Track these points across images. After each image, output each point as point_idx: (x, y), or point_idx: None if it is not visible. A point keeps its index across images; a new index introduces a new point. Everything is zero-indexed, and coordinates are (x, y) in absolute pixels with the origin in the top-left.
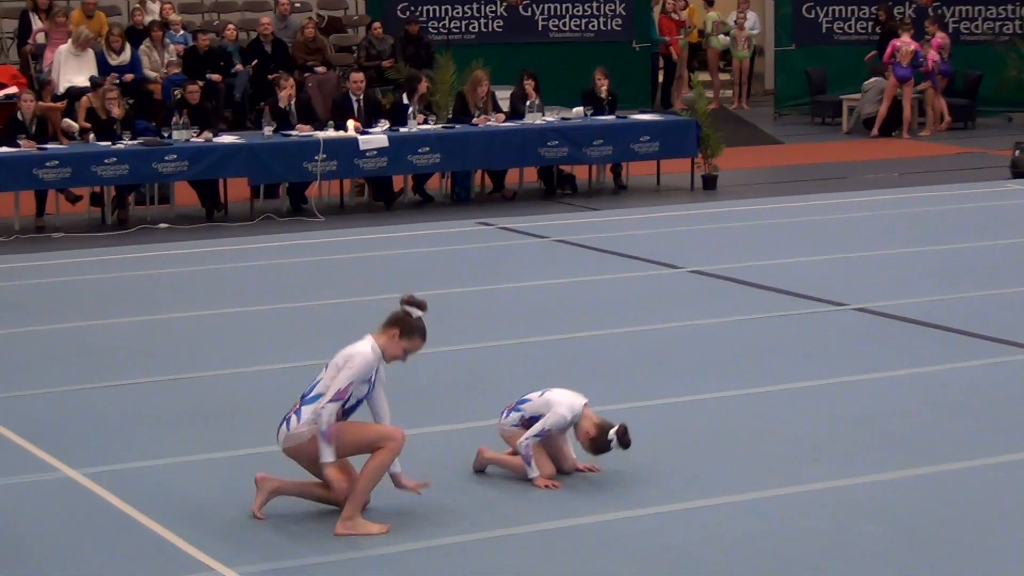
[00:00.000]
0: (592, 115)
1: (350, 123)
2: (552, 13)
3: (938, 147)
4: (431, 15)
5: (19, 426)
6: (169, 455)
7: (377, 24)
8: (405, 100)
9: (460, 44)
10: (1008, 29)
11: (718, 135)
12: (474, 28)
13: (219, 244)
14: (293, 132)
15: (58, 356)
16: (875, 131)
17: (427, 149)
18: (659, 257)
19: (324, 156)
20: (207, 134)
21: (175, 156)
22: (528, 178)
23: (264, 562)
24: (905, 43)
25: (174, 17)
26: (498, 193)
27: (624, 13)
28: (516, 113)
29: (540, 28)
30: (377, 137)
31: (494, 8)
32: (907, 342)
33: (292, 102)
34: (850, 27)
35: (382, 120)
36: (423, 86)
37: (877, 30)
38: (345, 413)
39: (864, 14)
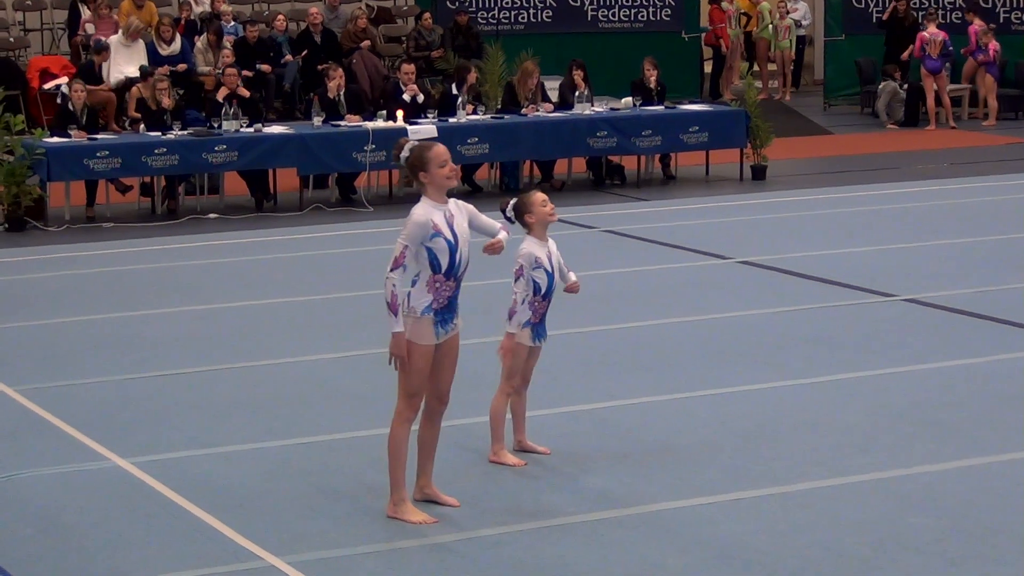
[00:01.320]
0: (641, 105)
1: (399, 114)
2: (601, 3)
3: (988, 137)
4: (480, 5)
5: (69, 415)
6: (219, 444)
7: (427, 15)
8: (454, 90)
9: (509, 34)
10: None
11: (768, 125)
12: (523, 18)
13: (268, 234)
14: (342, 122)
15: (107, 345)
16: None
17: (476, 139)
18: (708, 248)
19: (373, 146)
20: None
21: (224, 146)
22: (577, 168)
23: (312, 551)
24: (933, 34)
25: (225, 8)
26: (547, 183)
27: (673, 3)
28: (565, 103)
29: (589, 18)
30: (426, 127)
31: None
32: (956, 333)
33: (341, 92)
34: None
35: (430, 110)
36: (472, 76)
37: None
38: (446, 275)
39: (915, 4)
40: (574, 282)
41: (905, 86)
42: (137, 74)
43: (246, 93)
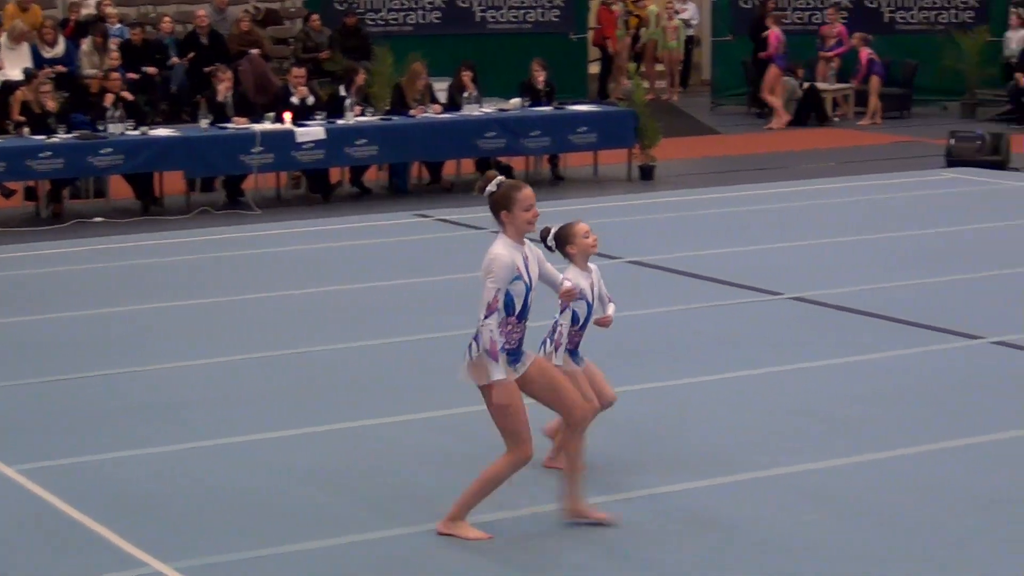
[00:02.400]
0: (529, 106)
1: (286, 116)
2: (489, 4)
3: (874, 136)
4: (368, 7)
5: None
6: (107, 450)
7: (315, 17)
8: (343, 92)
9: (398, 36)
10: (943, 19)
11: (655, 125)
12: (412, 20)
13: (155, 238)
14: (230, 125)
15: None
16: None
17: (364, 141)
18: (601, 248)
19: (261, 149)
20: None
21: (110, 150)
22: (466, 169)
23: (200, 556)
24: (775, 34)
25: (110, 10)
26: (436, 185)
27: (561, 4)
28: (454, 104)
29: (478, 19)
30: (314, 129)
31: (432, 0)
32: (843, 330)
33: (229, 95)
34: (786, 18)
35: (319, 112)
36: (360, 78)
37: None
38: (519, 318)
39: (801, 4)
40: (607, 316)
41: (805, 85)
42: (21, 77)
43: (130, 96)
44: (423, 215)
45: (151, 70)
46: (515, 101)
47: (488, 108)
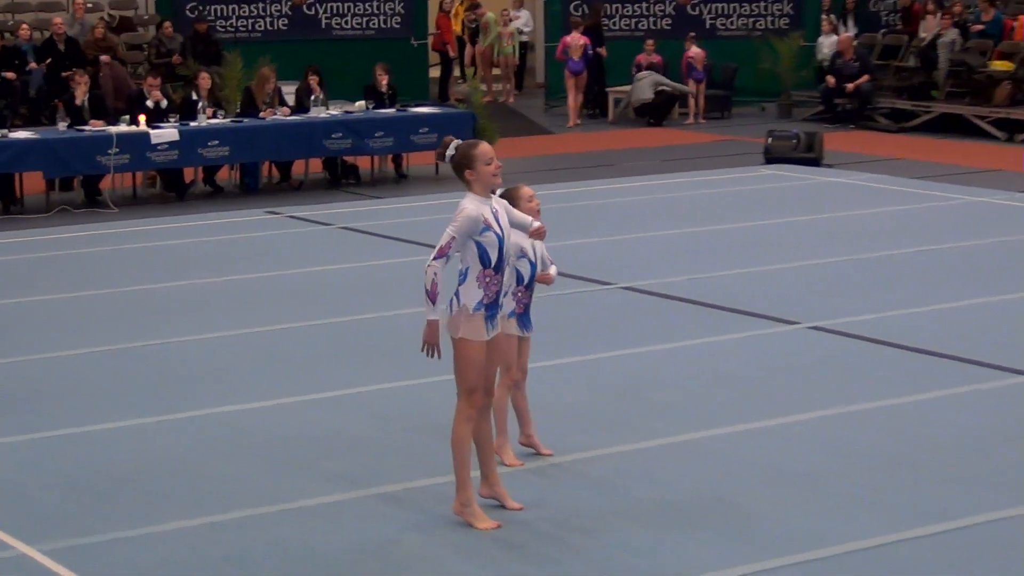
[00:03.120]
0: (374, 108)
1: (141, 119)
2: (335, 12)
3: (698, 135)
4: (219, 14)
5: None
6: None
7: (168, 24)
8: (195, 96)
9: (247, 42)
10: (761, 25)
11: (493, 126)
12: (260, 26)
13: (15, 236)
14: (87, 127)
15: None
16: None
17: (217, 142)
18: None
19: (117, 150)
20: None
21: None
22: (314, 169)
23: (64, 539)
24: (574, 38)
25: None
26: (285, 183)
27: (403, 11)
28: (301, 107)
29: (323, 26)
30: (168, 131)
31: (279, 7)
32: (669, 317)
33: (86, 99)
34: (615, 24)
35: (172, 115)
36: (204, 81)
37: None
38: (495, 270)
39: (628, 11)
40: (548, 273)
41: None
42: None
43: None
44: (274, 212)
45: (10, 75)
46: (360, 104)
47: (334, 110)
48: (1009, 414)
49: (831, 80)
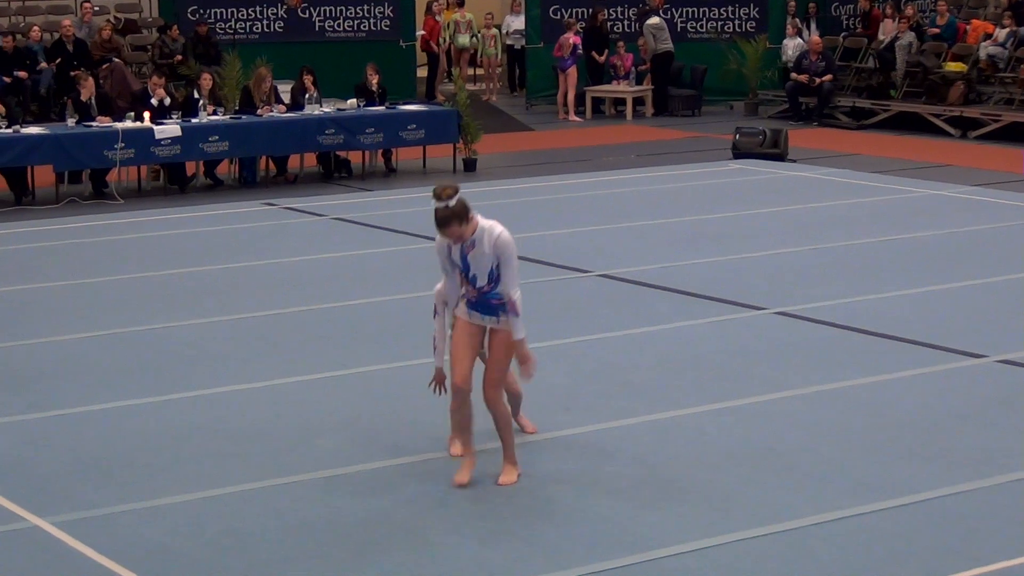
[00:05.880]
0: (364, 106)
1: (146, 115)
2: (328, 15)
3: (669, 132)
4: (218, 17)
5: None
6: None
7: (175, 27)
8: (196, 94)
9: (245, 43)
10: (729, 28)
11: (477, 123)
12: (257, 29)
13: (27, 226)
14: (94, 123)
15: None
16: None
17: (217, 137)
18: (426, 232)
19: (123, 145)
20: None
21: None
22: (308, 163)
23: (73, 512)
24: (566, 39)
25: None
26: (281, 177)
27: (392, 15)
28: (296, 105)
29: (317, 29)
30: (171, 127)
31: (275, 10)
32: (644, 303)
33: (92, 97)
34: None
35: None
36: (206, 81)
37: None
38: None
39: (608, 14)
40: None
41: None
42: None
43: None
44: (270, 203)
45: (22, 74)
46: (351, 102)
47: (327, 108)
48: (965, 394)
49: (802, 78)
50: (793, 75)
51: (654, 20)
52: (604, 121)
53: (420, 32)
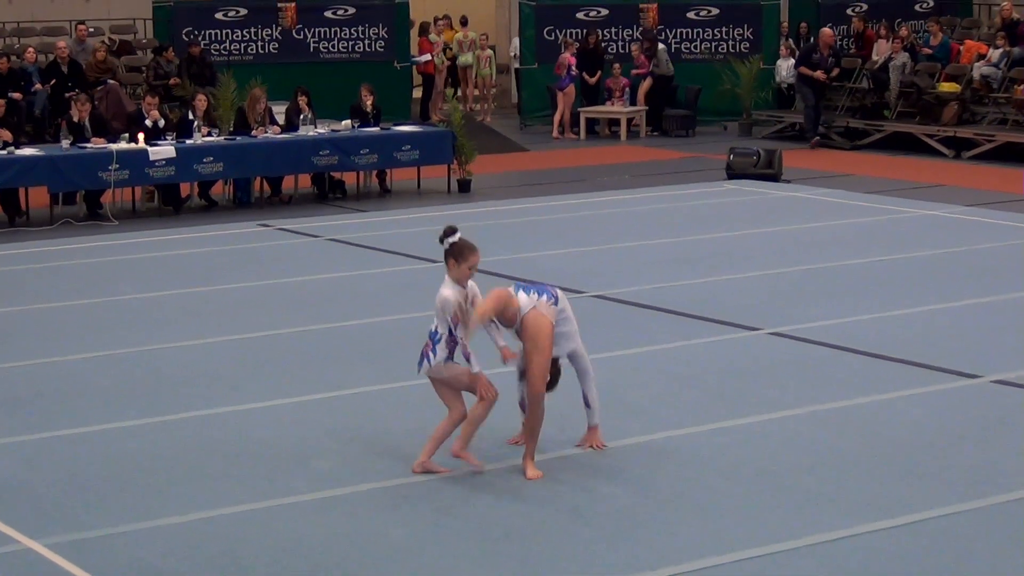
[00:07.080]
0: (359, 127)
1: (140, 136)
2: (322, 36)
3: (663, 152)
4: (213, 38)
5: None
6: None
7: (171, 49)
8: (190, 115)
9: (239, 64)
10: (723, 49)
11: (471, 144)
12: (252, 50)
13: (21, 247)
14: (88, 144)
15: None
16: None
17: (211, 159)
18: (421, 253)
19: (117, 166)
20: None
21: None
22: (303, 184)
23: (66, 534)
24: (563, 58)
25: None
26: (276, 197)
27: (386, 36)
28: (291, 125)
29: (311, 50)
30: (165, 148)
31: (270, 32)
32: (637, 324)
33: (86, 118)
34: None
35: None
36: (201, 102)
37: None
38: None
39: (602, 35)
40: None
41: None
42: None
43: None
44: (265, 224)
45: (16, 96)
46: (346, 123)
47: (322, 129)
48: (961, 414)
49: (819, 74)
50: (803, 69)
51: (661, 46)
52: (599, 142)
53: (427, 57)
